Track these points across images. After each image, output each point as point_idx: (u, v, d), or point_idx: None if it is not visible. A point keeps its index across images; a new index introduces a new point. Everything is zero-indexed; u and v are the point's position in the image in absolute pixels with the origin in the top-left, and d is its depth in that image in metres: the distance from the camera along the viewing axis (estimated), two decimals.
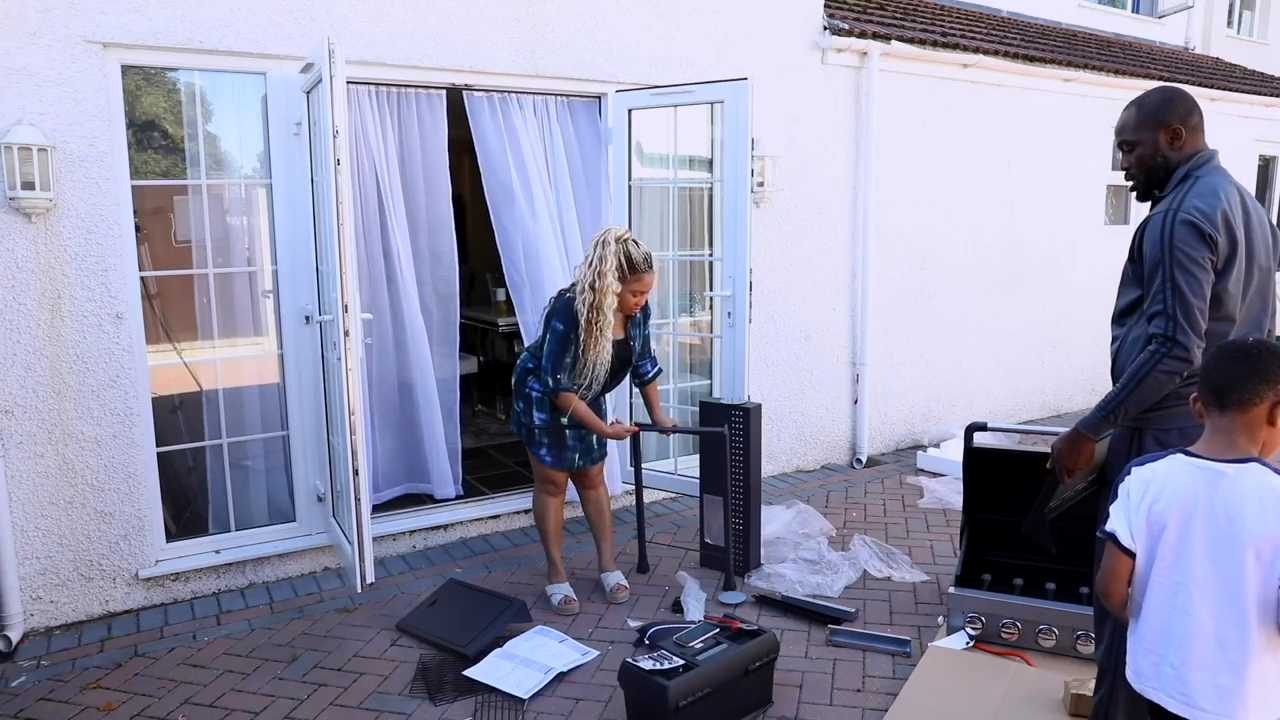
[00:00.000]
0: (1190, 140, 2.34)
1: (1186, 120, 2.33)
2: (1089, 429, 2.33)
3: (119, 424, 3.75)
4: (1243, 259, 2.26)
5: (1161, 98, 2.37)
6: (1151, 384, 2.21)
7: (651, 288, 3.60)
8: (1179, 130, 2.33)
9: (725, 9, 5.12)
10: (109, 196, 3.64)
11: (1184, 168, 2.33)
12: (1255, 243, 2.32)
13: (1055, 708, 2.94)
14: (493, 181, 4.53)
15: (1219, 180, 2.28)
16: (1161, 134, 2.34)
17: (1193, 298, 2.17)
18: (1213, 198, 2.22)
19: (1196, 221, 2.18)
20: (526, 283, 4.64)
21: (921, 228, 6.22)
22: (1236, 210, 2.26)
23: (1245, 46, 12.86)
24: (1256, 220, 2.34)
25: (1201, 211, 2.19)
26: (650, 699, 2.74)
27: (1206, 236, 2.18)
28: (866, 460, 6.00)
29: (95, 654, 3.49)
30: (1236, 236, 2.23)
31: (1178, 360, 2.17)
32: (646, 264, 3.54)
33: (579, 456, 3.77)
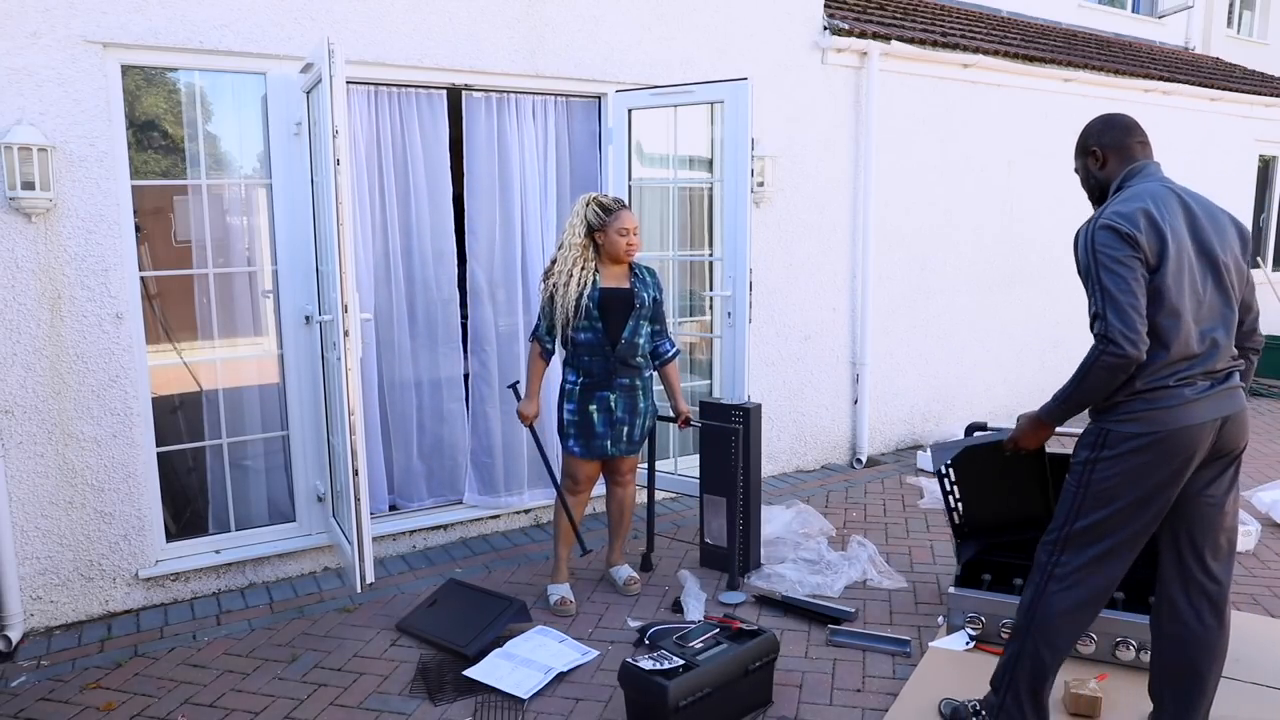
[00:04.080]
0: (1114, 159, 2.52)
1: (1102, 142, 2.52)
2: (1048, 416, 2.53)
3: (119, 424, 3.75)
4: (1185, 254, 2.33)
5: (1086, 127, 2.58)
6: (1094, 380, 2.32)
7: (635, 228, 3.64)
8: (1097, 152, 2.54)
9: (725, 9, 5.12)
10: (109, 196, 3.64)
11: (1115, 183, 2.50)
12: (1203, 238, 2.38)
13: (1055, 707, 2.94)
14: (474, 184, 4.53)
15: (1144, 186, 2.40)
16: (1088, 159, 2.56)
17: (1121, 296, 2.26)
18: (1132, 201, 2.35)
19: (1113, 224, 2.30)
20: (502, 286, 4.65)
21: (921, 228, 6.22)
22: (1169, 209, 2.34)
23: (1245, 46, 12.86)
24: (1204, 217, 2.40)
25: (1119, 214, 2.31)
26: (650, 699, 2.74)
27: (1125, 235, 2.28)
28: (866, 460, 6.00)
29: (95, 654, 3.49)
30: (1164, 233, 2.30)
31: (1114, 356, 2.26)
32: (618, 203, 3.64)
33: (610, 444, 3.74)
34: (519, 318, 4.72)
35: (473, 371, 4.71)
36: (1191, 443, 2.32)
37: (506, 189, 4.61)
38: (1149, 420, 2.32)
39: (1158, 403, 2.32)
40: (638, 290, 3.69)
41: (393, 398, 4.53)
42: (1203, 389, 2.34)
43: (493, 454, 4.71)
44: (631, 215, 3.65)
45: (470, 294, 4.64)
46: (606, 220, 3.59)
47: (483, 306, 4.65)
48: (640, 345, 3.71)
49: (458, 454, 4.71)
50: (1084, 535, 2.43)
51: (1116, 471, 2.36)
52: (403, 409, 4.55)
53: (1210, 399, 2.35)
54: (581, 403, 3.68)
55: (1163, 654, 2.59)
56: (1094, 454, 2.41)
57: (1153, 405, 2.32)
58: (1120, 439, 2.35)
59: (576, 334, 3.63)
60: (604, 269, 3.65)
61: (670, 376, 3.91)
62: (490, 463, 4.72)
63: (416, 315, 4.54)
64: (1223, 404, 2.37)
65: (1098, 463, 2.39)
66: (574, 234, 3.62)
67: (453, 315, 4.59)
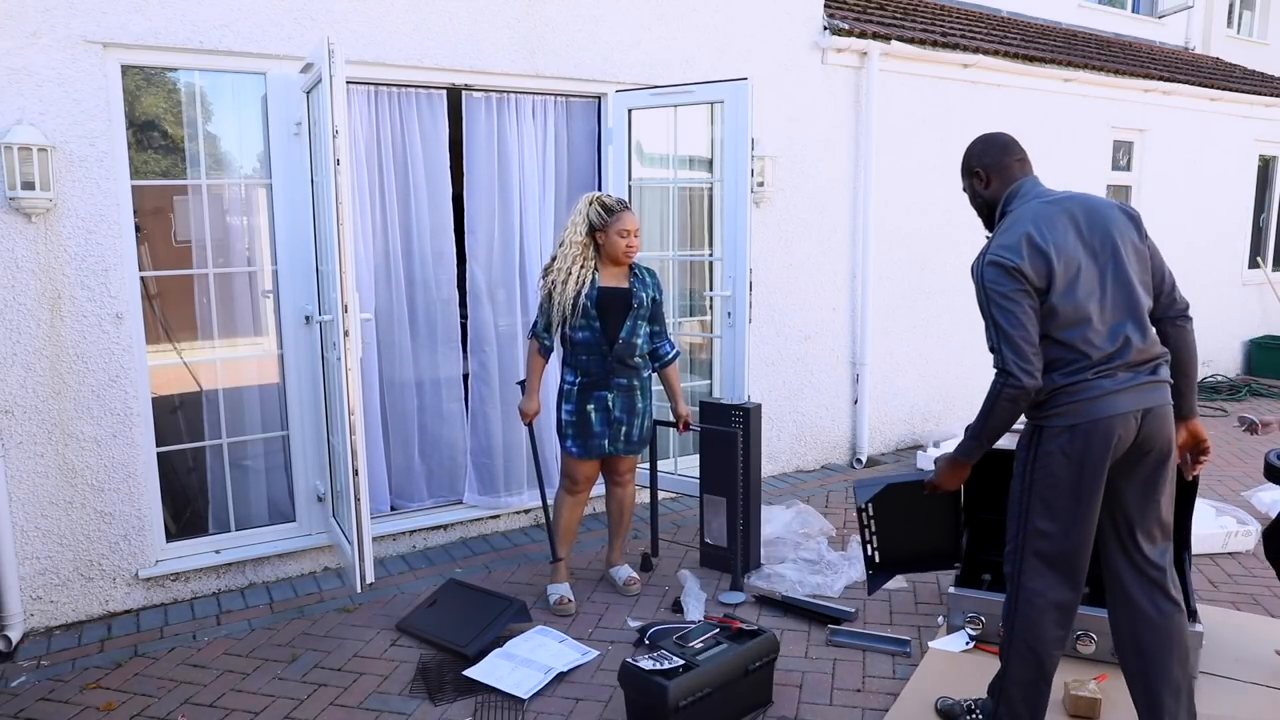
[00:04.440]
0: (996, 179, 2.58)
1: (984, 162, 2.58)
2: (964, 455, 2.59)
3: (119, 424, 3.75)
4: (1076, 263, 2.40)
5: (968, 149, 2.64)
6: (998, 413, 2.42)
7: (636, 230, 3.64)
8: (979, 173, 2.60)
9: (725, 9, 5.12)
10: (109, 196, 3.64)
11: (1000, 203, 2.57)
12: (1092, 239, 2.43)
13: (1055, 708, 2.94)
14: (474, 184, 4.54)
15: (1025, 209, 2.46)
16: (973, 180, 2.63)
17: (1013, 330, 2.36)
18: (1015, 229, 2.42)
19: (998, 259, 2.39)
20: (502, 286, 4.65)
21: (921, 227, 6.22)
22: (1050, 226, 2.41)
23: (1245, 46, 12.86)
24: (1088, 217, 2.46)
25: (1002, 247, 2.40)
26: (650, 699, 2.74)
27: (1010, 269, 2.37)
28: (866, 460, 6.00)
29: (95, 654, 3.49)
30: (1048, 252, 2.38)
31: (1013, 389, 2.37)
32: (620, 204, 3.63)
33: (607, 443, 3.74)
34: (518, 317, 4.72)
35: (472, 371, 4.71)
36: (1113, 433, 2.38)
37: (506, 189, 4.61)
38: (1075, 412, 2.39)
39: (1079, 394, 2.39)
40: (636, 290, 3.69)
41: (393, 398, 4.53)
42: (1123, 380, 2.40)
43: (492, 454, 4.72)
44: (633, 216, 3.65)
45: (470, 294, 4.64)
46: (608, 220, 3.59)
47: (482, 306, 4.65)
48: (638, 345, 3.71)
49: (457, 454, 4.71)
50: (1040, 536, 2.48)
51: (1054, 465, 2.43)
52: (403, 409, 4.55)
53: (1130, 391, 2.40)
54: (579, 402, 3.68)
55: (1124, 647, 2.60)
56: (1031, 452, 2.48)
57: (1075, 398, 2.39)
58: (1053, 434, 2.42)
59: (574, 333, 3.63)
60: (603, 268, 3.65)
61: (670, 379, 3.90)
62: (490, 463, 4.72)
63: (416, 315, 4.54)
64: (1142, 397, 2.42)
65: (1036, 460, 2.47)
66: (575, 232, 3.62)
67: (452, 315, 4.59)
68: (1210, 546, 4.33)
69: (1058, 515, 2.45)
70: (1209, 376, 8.77)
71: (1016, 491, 2.53)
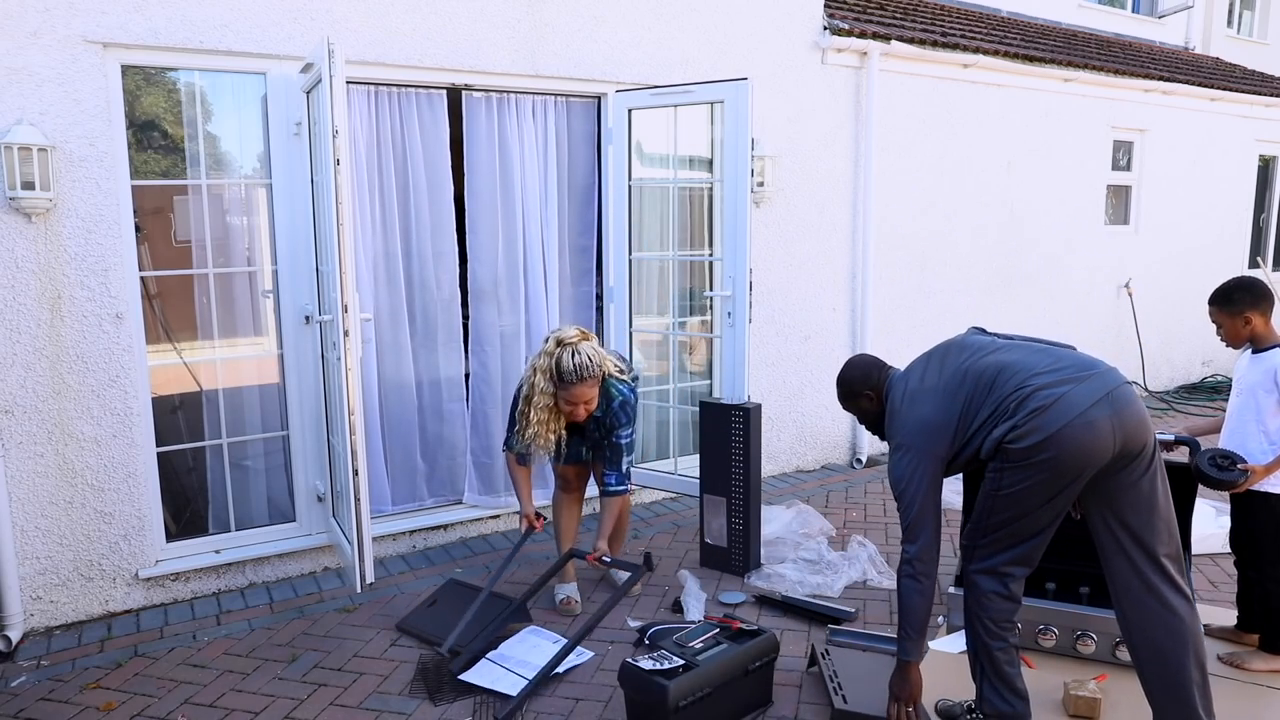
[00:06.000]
0: (879, 391, 2.83)
1: (871, 384, 2.84)
2: (905, 655, 2.70)
3: (119, 424, 3.75)
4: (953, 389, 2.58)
5: (849, 378, 2.87)
6: (907, 596, 2.64)
7: (585, 401, 3.40)
8: (870, 395, 2.85)
9: (725, 9, 5.13)
10: (109, 196, 3.64)
11: (885, 406, 2.81)
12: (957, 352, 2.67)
13: (1055, 708, 2.94)
14: (475, 183, 4.54)
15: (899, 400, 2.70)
16: (861, 400, 2.87)
17: (912, 514, 2.59)
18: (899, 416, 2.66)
19: (896, 451, 2.64)
20: (504, 285, 4.65)
21: (922, 228, 6.22)
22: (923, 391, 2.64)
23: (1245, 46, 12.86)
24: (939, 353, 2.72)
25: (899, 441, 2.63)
26: (650, 699, 2.74)
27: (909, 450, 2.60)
28: (866, 460, 6.00)
29: (95, 654, 3.49)
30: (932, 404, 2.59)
31: (909, 566, 2.61)
32: (577, 376, 3.32)
33: (585, 450, 3.75)
34: (520, 317, 4.72)
35: (473, 371, 4.71)
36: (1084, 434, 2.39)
37: (507, 189, 4.61)
38: (1034, 429, 2.42)
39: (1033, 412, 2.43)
40: (590, 429, 3.63)
41: (393, 397, 4.53)
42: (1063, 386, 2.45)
43: (493, 454, 4.72)
44: (587, 388, 3.38)
45: (471, 294, 4.64)
46: (558, 388, 3.40)
47: (484, 306, 4.65)
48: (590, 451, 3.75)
49: (458, 454, 4.71)
50: (998, 528, 2.57)
51: (1021, 479, 2.48)
52: (403, 409, 4.55)
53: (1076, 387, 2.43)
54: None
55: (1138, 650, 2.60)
56: (1000, 465, 2.52)
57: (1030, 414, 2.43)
58: (1018, 454, 2.45)
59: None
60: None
61: (606, 511, 3.64)
62: (490, 463, 4.72)
63: (416, 315, 4.54)
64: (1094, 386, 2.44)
65: (1004, 472, 2.51)
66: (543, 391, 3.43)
67: (454, 315, 4.59)
68: (1210, 546, 4.33)
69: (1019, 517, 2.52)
70: (1209, 377, 8.77)
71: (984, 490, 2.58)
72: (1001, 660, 2.65)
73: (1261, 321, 3.10)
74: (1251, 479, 3.04)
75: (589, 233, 4.91)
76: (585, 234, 4.91)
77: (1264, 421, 3.08)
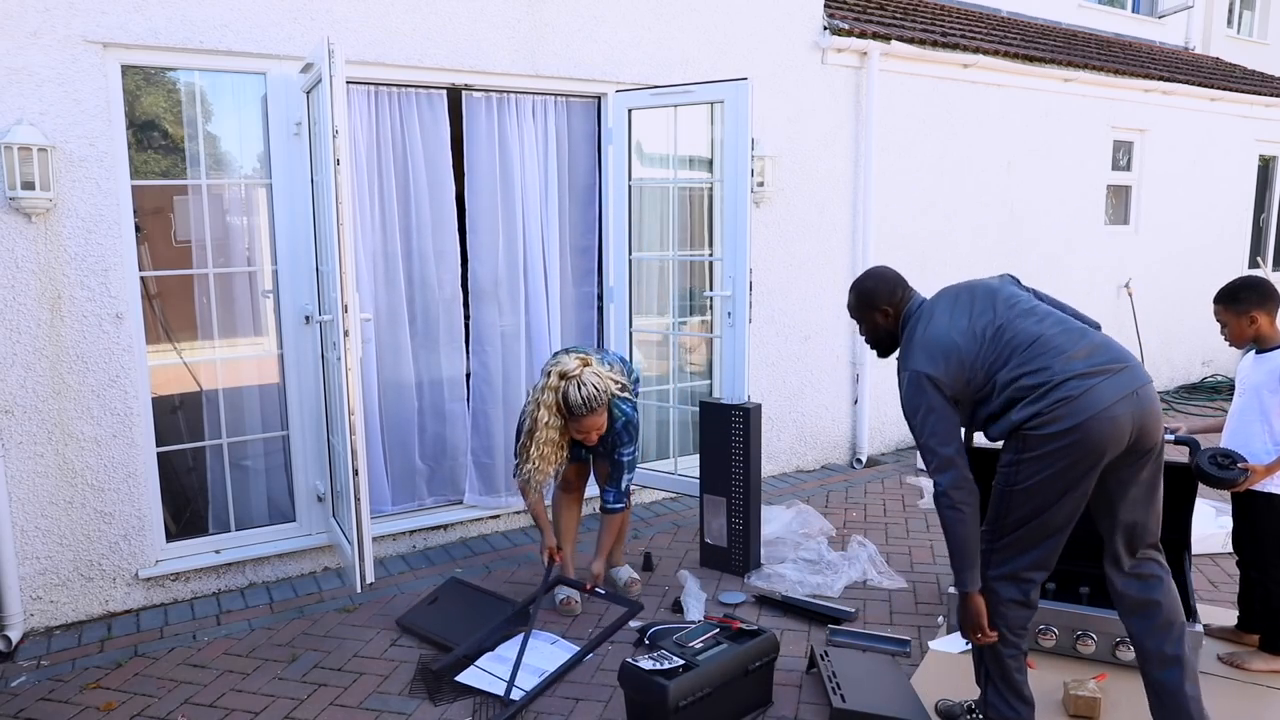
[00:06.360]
0: (897, 309, 2.74)
1: (890, 300, 2.74)
2: (962, 586, 2.56)
3: (119, 424, 3.75)
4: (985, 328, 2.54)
5: (871, 289, 2.77)
6: (951, 528, 2.51)
7: (596, 429, 3.44)
8: (887, 310, 2.75)
9: (725, 9, 5.13)
10: (109, 196, 3.64)
11: (900, 327, 2.74)
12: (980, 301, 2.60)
13: (1055, 708, 2.94)
14: (476, 183, 4.54)
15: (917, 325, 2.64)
16: (876, 314, 2.77)
17: (935, 445, 2.50)
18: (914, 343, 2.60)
19: (908, 379, 2.55)
20: (505, 285, 4.65)
21: (922, 228, 6.22)
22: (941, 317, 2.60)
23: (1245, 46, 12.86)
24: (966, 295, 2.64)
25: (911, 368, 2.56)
26: (650, 699, 2.74)
27: (921, 382, 2.52)
28: (866, 460, 6.00)
29: (95, 654, 3.49)
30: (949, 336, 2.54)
31: (947, 498, 2.49)
32: (586, 408, 3.35)
33: (584, 451, 3.76)
34: (521, 317, 4.72)
35: (474, 371, 4.71)
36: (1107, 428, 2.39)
37: (508, 189, 4.61)
38: (1060, 418, 2.40)
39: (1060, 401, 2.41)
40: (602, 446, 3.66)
41: (394, 397, 4.53)
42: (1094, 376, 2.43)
43: (494, 454, 4.72)
44: (596, 418, 3.41)
45: (472, 293, 4.64)
46: (569, 421, 3.44)
47: (485, 306, 4.65)
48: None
49: (459, 454, 4.71)
50: (1015, 527, 2.53)
51: (1038, 469, 2.45)
52: (404, 409, 4.55)
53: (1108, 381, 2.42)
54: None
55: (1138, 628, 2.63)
56: (1017, 455, 2.50)
57: (1057, 403, 2.41)
58: (1040, 440, 2.43)
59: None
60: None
61: (606, 528, 3.73)
62: (491, 463, 4.72)
63: (417, 315, 4.54)
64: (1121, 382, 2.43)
65: (1020, 464, 2.48)
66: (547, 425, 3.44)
67: (456, 314, 4.59)
68: (1210, 546, 4.33)
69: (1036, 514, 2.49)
70: (1209, 377, 8.77)
71: (998, 488, 2.55)
72: (1012, 668, 2.62)
73: (1267, 321, 3.09)
74: (1252, 479, 3.04)
75: (590, 233, 4.91)
76: (587, 234, 4.91)
77: (1269, 421, 3.08)
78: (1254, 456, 3.09)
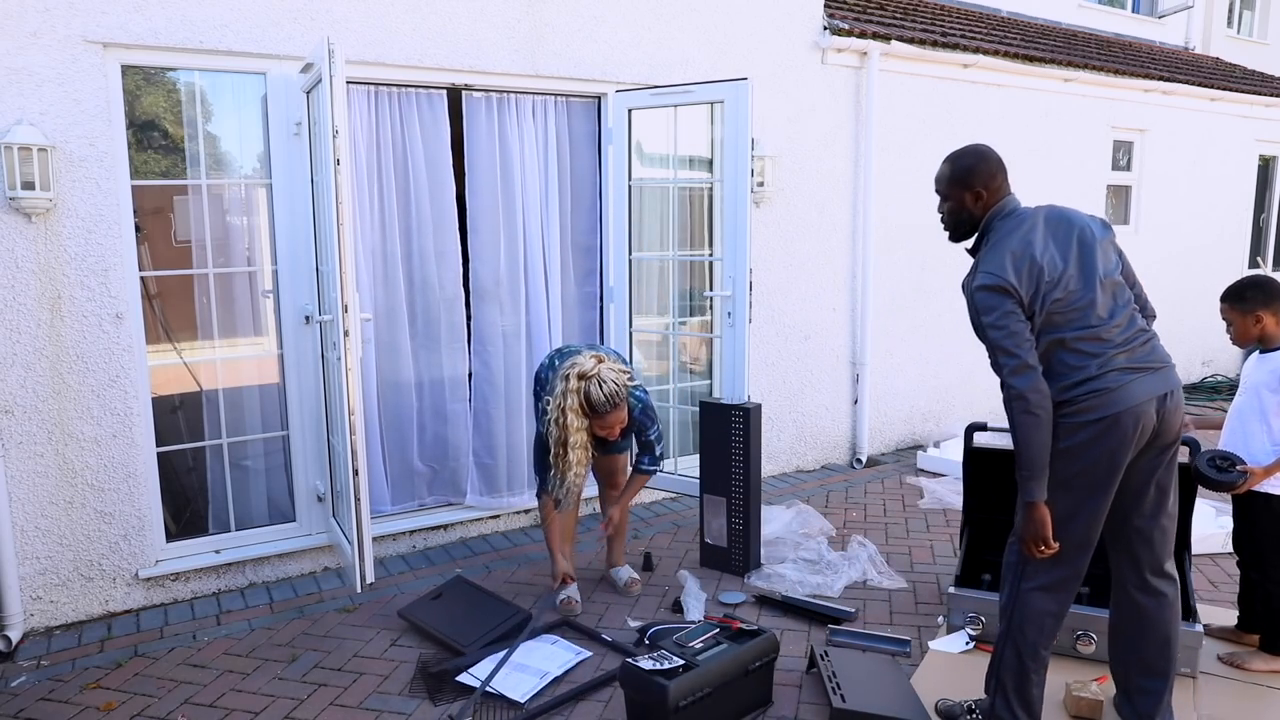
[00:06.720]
0: (991, 198, 2.59)
1: (988, 184, 2.58)
2: (1028, 495, 2.46)
3: (119, 424, 3.75)
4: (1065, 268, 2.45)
5: (970, 165, 2.59)
6: (1024, 433, 2.40)
7: (620, 424, 3.49)
8: (980, 193, 2.58)
9: (725, 9, 5.12)
10: (109, 196, 3.64)
11: (984, 220, 2.60)
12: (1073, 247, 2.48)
13: (1055, 708, 2.94)
14: (476, 183, 4.54)
15: (1006, 225, 2.52)
16: (967, 194, 2.60)
17: (1008, 343, 2.40)
18: (998, 246, 2.48)
19: (987, 283, 2.43)
20: (505, 285, 4.65)
21: (922, 227, 6.22)
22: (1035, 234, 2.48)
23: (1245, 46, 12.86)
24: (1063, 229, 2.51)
25: (990, 271, 2.44)
26: (650, 699, 2.74)
27: (998, 289, 2.41)
28: (866, 460, 6.00)
29: (95, 654, 3.49)
30: (1035, 253, 2.44)
31: (1022, 400, 2.38)
32: (609, 404, 3.40)
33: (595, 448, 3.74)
34: (522, 317, 4.72)
35: (476, 371, 4.71)
36: (1135, 423, 2.42)
37: (508, 189, 4.61)
38: (1092, 409, 2.41)
39: (1098, 389, 2.41)
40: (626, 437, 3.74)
41: (394, 398, 4.53)
42: (1135, 371, 2.44)
43: (495, 454, 4.71)
44: (620, 412, 3.46)
45: (474, 293, 4.64)
46: (593, 419, 3.47)
47: (487, 306, 4.65)
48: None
49: (460, 454, 4.71)
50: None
51: (1068, 461, 2.45)
52: (404, 409, 4.55)
53: (1146, 378, 2.44)
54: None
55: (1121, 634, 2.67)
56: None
57: (1092, 394, 2.41)
58: (1069, 430, 2.44)
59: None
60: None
61: (632, 483, 3.81)
62: (493, 464, 4.71)
63: (417, 315, 4.54)
64: (1157, 382, 2.46)
65: (1054, 457, 2.46)
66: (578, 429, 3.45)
67: (457, 314, 4.59)
68: (1210, 546, 4.33)
69: (1069, 508, 2.47)
70: (1209, 377, 8.77)
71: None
72: (1035, 682, 2.59)
73: (1273, 321, 3.09)
74: (1251, 480, 3.04)
75: (592, 233, 4.91)
76: (588, 234, 4.91)
77: (1268, 420, 3.08)
78: (1253, 455, 3.09)
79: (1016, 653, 2.58)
